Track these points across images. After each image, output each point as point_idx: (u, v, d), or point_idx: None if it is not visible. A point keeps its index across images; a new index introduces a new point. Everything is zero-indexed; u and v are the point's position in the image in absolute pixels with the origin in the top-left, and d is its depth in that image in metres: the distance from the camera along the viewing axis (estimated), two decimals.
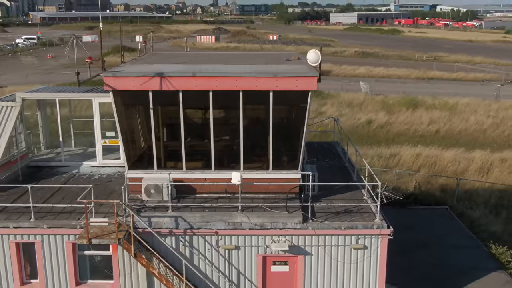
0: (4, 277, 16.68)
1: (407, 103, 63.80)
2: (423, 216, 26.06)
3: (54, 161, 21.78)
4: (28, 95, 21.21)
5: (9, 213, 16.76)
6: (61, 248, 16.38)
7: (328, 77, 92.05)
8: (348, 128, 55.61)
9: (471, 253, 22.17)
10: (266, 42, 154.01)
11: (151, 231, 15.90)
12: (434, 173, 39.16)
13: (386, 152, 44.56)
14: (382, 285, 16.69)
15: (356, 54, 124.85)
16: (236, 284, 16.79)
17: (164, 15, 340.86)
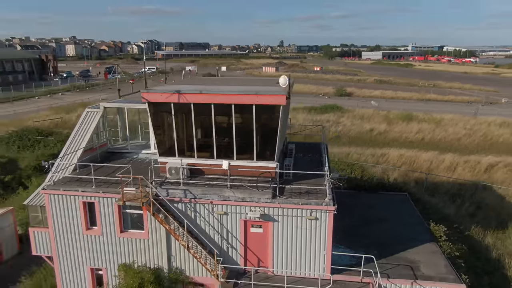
0: (77, 224, 17.62)
1: (404, 117, 60.81)
2: (386, 199, 24.71)
3: (124, 149, 22.64)
4: (108, 104, 22.20)
5: (81, 182, 17.70)
6: (111, 207, 17.02)
7: (351, 97, 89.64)
8: (356, 134, 53.93)
9: (414, 228, 20.75)
10: (311, 72, 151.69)
11: (163, 198, 16.24)
12: (409, 169, 37.20)
13: (378, 152, 42.77)
14: (329, 247, 16.09)
15: (374, 81, 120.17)
16: (226, 239, 16.80)
17: (243, 53, 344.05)
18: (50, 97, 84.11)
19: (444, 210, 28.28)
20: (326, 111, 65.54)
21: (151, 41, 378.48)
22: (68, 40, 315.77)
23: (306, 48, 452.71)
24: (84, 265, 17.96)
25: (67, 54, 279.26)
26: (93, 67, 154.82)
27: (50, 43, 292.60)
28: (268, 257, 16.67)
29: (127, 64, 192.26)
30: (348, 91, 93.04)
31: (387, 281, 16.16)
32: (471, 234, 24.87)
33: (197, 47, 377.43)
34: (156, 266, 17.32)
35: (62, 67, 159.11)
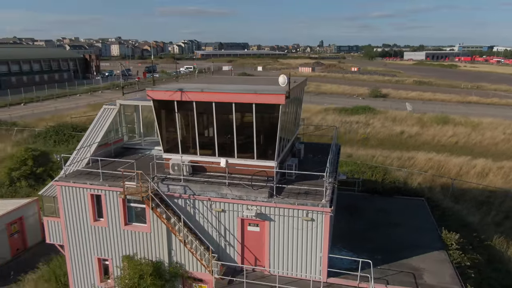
0: (85, 215, 18.46)
1: (438, 120, 58.42)
2: (400, 204, 23.89)
3: (138, 145, 23.40)
4: (124, 102, 23.00)
5: (90, 175, 18.51)
6: (116, 200, 17.69)
7: (386, 99, 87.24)
8: (385, 136, 52.45)
9: (425, 235, 19.93)
10: (348, 72, 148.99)
11: (161, 193, 16.67)
12: (435, 174, 35.69)
13: (405, 156, 41.41)
14: (325, 249, 15.85)
15: (413, 82, 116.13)
16: (223, 236, 16.99)
17: (282, 53, 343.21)
18: (91, 94, 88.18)
19: (467, 218, 26.99)
20: (357, 112, 64.20)
21: (191, 41, 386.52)
22: (114, 41, 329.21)
23: (346, 48, 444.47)
24: (92, 254, 18.78)
25: (112, 54, 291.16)
26: (133, 66, 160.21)
27: (96, 43, 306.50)
28: (264, 256, 16.68)
29: (166, 64, 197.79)
30: (384, 92, 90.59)
31: (385, 287, 15.69)
32: (493, 244, 23.54)
33: (236, 47, 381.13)
34: (157, 259, 17.81)
35: (106, 67, 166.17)
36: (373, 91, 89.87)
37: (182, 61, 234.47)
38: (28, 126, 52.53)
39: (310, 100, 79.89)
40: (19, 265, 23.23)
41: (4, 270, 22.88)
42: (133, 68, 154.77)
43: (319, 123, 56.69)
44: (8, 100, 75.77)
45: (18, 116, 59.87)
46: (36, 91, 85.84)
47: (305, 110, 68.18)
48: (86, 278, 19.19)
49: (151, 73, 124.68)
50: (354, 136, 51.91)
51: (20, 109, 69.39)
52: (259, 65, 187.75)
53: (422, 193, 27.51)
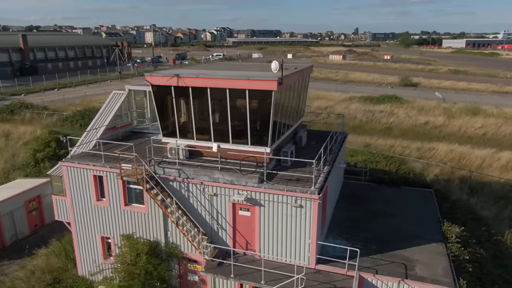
0: (89, 195, 19.32)
1: (468, 110, 56.12)
2: (406, 194, 23.34)
3: (146, 129, 24.11)
4: (133, 87, 23.68)
5: (94, 157, 19.31)
6: (116, 181, 18.40)
7: (416, 88, 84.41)
8: (409, 126, 50.95)
9: (425, 226, 19.41)
10: (380, 60, 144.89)
11: (155, 176, 17.19)
12: (454, 166, 34.46)
13: (426, 146, 40.18)
14: (314, 236, 15.88)
15: (448, 71, 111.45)
16: (216, 220, 17.36)
17: (314, 41, 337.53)
18: (121, 81, 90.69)
19: (481, 212, 26.05)
20: (383, 101, 62.62)
21: (224, 29, 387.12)
22: (148, 28, 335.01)
23: (381, 36, 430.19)
24: (95, 232, 19.72)
25: (146, 41, 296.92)
26: (164, 54, 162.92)
27: (132, 30, 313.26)
28: (255, 241, 16.93)
29: (197, 51, 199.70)
30: (414, 81, 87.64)
31: (373, 276, 15.58)
32: (504, 239, 22.66)
33: (268, 35, 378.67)
34: (154, 239, 18.49)
35: (138, 54, 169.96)
36: (403, 79, 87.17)
37: (213, 48, 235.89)
38: (58, 110, 54.98)
39: (336, 89, 78.71)
40: (36, 240, 24.68)
41: (23, 244, 24.43)
42: (165, 55, 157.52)
43: (341, 112, 55.79)
44: (43, 85, 79.39)
45: (49, 100, 62.71)
46: (70, 77, 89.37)
47: (329, 98, 67.41)
48: (91, 255, 20.21)
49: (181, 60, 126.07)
50: (376, 125, 50.82)
51: (53, 94, 72.53)
52: (289, 52, 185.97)
53: (432, 184, 26.77)
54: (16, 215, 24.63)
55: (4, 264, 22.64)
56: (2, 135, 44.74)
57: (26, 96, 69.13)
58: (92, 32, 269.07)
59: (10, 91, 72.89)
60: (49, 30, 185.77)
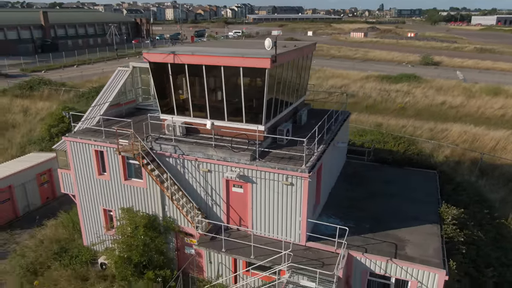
0: (91, 169, 19.96)
1: (489, 91, 54.19)
2: (409, 175, 23.04)
3: (149, 106, 24.45)
4: (137, 64, 23.91)
5: (96, 132, 19.79)
6: (116, 156, 18.92)
7: (438, 67, 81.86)
8: (424, 106, 49.69)
9: (423, 207, 19.22)
10: (404, 38, 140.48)
11: (150, 152, 17.57)
12: (466, 148, 33.67)
13: (439, 127, 39.28)
14: (304, 214, 16.06)
15: (474, 49, 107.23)
16: (210, 195, 17.72)
17: (337, 17, 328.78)
18: (138, 58, 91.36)
19: (488, 194, 25.59)
20: (400, 80, 61.11)
21: (244, 5, 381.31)
22: (169, 5, 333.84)
23: (407, 13, 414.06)
24: (98, 205, 20.47)
25: (166, 18, 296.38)
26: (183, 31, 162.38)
27: (152, 7, 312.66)
28: (248, 217, 17.26)
29: (217, 28, 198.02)
30: (436, 60, 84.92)
31: (362, 255, 15.71)
32: (507, 223, 22.27)
33: (290, 11, 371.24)
34: (153, 213, 19.07)
35: (158, 31, 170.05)
36: (424, 58, 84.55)
37: (233, 25, 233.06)
38: (75, 86, 56.15)
39: (353, 67, 77.16)
40: (47, 212, 25.84)
41: (34, 215, 25.62)
42: (184, 32, 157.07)
43: (356, 91, 54.94)
44: (63, 62, 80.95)
45: (67, 77, 64.02)
46: (89, 53, 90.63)
47: (345, 77, 66.24)
48: (94, 226, 21.05)
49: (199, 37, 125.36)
50: (391, 105, 49.84)
51: (72, 70, 73.96)
52: (309, 29, 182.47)
53: (440, 166, 26.29)
54: (28, 187, 25.75)
55: (16, 233, 23.89)
56: (21, 110, 46.27)
57: (46, 73, 70.81)
58: (113, 9, 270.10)
59: (31, 67, 74.70)
60: (71, 7, 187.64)
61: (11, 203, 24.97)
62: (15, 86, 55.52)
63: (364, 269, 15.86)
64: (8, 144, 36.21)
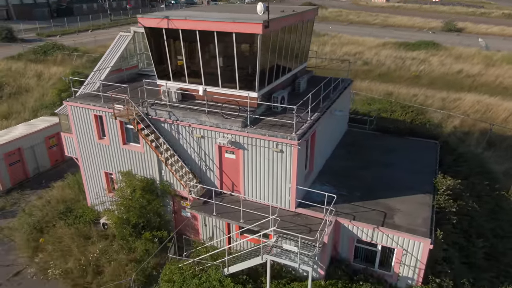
0: (91, 133, 20.48)
1: (511, 59, 51.92)
2: (410, 145, 22.70)
3: (151, 72, 24.42)
4: (138, 29, 23.67)
5: (95, 97, 20.10)
6: (114, 121, 19.30)
7: (460, 33, 78.45)
8: (440, 75, 48.14)
9: (418, 178, 19.05)
10: (428, 2, 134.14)
11: (144, 117, 17.83)
12: (476, 118, 32.81)
13: (451, 97, 38.19)
14: (294, 180, 16.23)
15: (502, 15, 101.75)
16: (204, 161, 18.03)
17: None
18: None
19: (492, 166, 25.13)
20: (418, 48, 59.05)
21: None
22: None
23: None
24: (100, 168, 21.14)
25: None
26: None
27: None
28: (240, 183, 17.57)
29: None
30: (459, 27, 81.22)
31: (349, 222, 15.93)
32: (508, 195, 21.98)
33: None
34: (150, 177, 19.61)
35: None
36: (446, 24, 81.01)
37: None
38: (88, 52, 56.50)
39: (371, 33, 74.71)
40: (57, 174, 26.87)
41: (44, 177, 26.68)
42: None
43: (370, 58, 53.52)
44: (78, 27, 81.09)
45: (80, 42, 64.26)
46: (103, 18, 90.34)
47: (361, 43, 64.36)
48: (97, 189, 21.83)
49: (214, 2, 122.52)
50: (405, 73, 48.49)
51: (86, 35, 74.12)
52: None
53: (445, 136, 25.86)
54: (37, 150, 26.69)
55: (26, 193, 25.05)
56: (35, 75, 47.10)
57: (61, 38, 71.21)
58: None
59: (46, 32, 75.16)
60: None
61: (21, 165, 26.02)
62: (29, 51, 56.23)
63: (351, 236, 16.13)
64: (22, 108, 37.23)
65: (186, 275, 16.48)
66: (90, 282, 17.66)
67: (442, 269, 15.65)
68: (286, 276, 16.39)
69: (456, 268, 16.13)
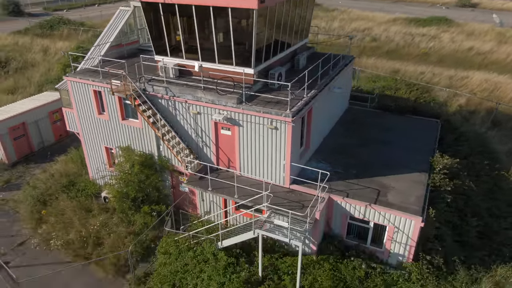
0: (91, 109, 20.68)
1: None
2: (410, 123, 22.50)
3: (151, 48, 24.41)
4: (138, 4, 23.59)
5: (94, 73, 20.14)
6: (113, 97, 19.41)
7: (474, 9, 76.09)
8: (449, 52, 47.10)
9: (416, 156, 18.93)
10: None
11: (140, 93, 17.91)
12: (482, 97, 32.22)
13: (459, 75, 37.45)
14: (288, 157, 16.32)
15: None
16: (201, 137, 18.17)
17: None
18: None
19: (495, 146, 24.88)
20: (429, 24, 57.64)
21: None
22: None
23: None
24: (100, 143, 21.46)
25: None
26: None
27: None
28: (236, 159, 17.73)
29: None
30: (474, 1, 78.71)
31: (342, 199, 16.07)
32: (508, 175, 21.83)
33: None
34: (149, 152, 19.87)
35: None
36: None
37: None
38: (94, 26, 56.30)
39: (382, 8, 72.97)
40: (61, 148, 27.33)
41: (48, 151, 27.18)
42: None
43: (379, 34, 52.39)
44: (84, 1, 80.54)
45: (86, 16, 63.99)
46: None
47: (370, 19, 62.93)
48: (98, 163, 22.22)
49: None
50: (413, 50, 47.52)
51: (93, 10, 73.68)
52: None
53: (446, 115, 25.52)
54: (41, 125, 27.10)
55: (31, 167, 25.62)
56: (41, 50, 47.26)
57: (68, 12, 70.95)
58: None
59: (53, 6, 74.89)
60: None
61: (25, 139, 26.50)
62: (36, 26, 56.25)
63: (344, 213, 16.30)
64: (27, 83, 37.58)
65: (181, 248, 16.92)
66: (90, 253, 18.25)
67: (433, 247, 15.80)
68: (279, 251, 16.73)
69: (448, 246, 16.26)
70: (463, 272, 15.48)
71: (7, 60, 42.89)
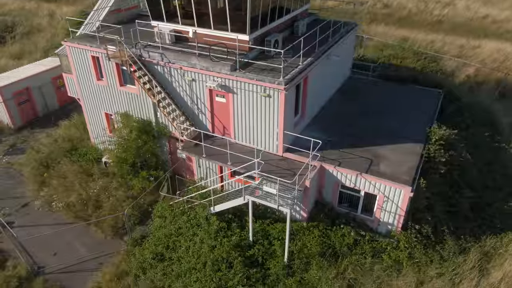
0: (90, 74, 20.79)
1: None
2: (411, 93, 22.11)
3: None
4: None
5: (92, 38, 20.08)
6: (110, 63, 19.48)
7: None
8: (463, 20, 45.34)
9: (414, 126, 18.70)
10: None
11: (136, 59, 17.88)
12: (489, 67, 31.31)
13: (471, 44, 36.25)
14: (281, 125, 16.34)
15: None
16: (196, 104, 18.23)
17: None
18: None
19: (500, 118, 24.40)
20: None
21: None
22: None
23: None
24: (100, 109, 21.71)
25: None
26: None
27: None
28: (230, 126, 17.83)
29: None
30: None
31: (334, 168, 16.16)
32: (508, 147, 21.53)
33: None
34: (147, 118, 20.07)
35: None
36: None
37: None
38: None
39: None
40: (65, 114, 27.75)
41: (51, 116, 27.65)
42: None
43: (391, 0, 50.55)
44: None
45: None
46: None
47: None
48: (98, 128, 22.58)
49: None
50: (426, 17, 45.88)
51: None
52: None
53: (450, 85, 24.98)
54: (44, 90, 27.43)
55: (36, 131, 26.19)
56: (47, 14, 46.97)
57: None
58: None
59: None
60: None
61: (30, 104, 26.94)
62: None
63: (336, 181, 16.43)
64: (34, 48, 37.72)
65: (176, 212, 17.40)
66: (90, 214, 18.91)
67: (423, 217, 15.93)
68: (271, 217, 17.07)
69: (439, 216, 16.36)
70: (451, 242, 15.67)
71: (14, 25, 42.89)
